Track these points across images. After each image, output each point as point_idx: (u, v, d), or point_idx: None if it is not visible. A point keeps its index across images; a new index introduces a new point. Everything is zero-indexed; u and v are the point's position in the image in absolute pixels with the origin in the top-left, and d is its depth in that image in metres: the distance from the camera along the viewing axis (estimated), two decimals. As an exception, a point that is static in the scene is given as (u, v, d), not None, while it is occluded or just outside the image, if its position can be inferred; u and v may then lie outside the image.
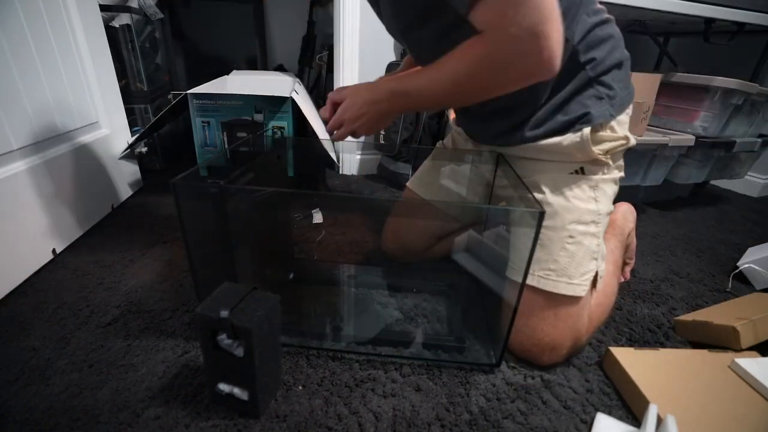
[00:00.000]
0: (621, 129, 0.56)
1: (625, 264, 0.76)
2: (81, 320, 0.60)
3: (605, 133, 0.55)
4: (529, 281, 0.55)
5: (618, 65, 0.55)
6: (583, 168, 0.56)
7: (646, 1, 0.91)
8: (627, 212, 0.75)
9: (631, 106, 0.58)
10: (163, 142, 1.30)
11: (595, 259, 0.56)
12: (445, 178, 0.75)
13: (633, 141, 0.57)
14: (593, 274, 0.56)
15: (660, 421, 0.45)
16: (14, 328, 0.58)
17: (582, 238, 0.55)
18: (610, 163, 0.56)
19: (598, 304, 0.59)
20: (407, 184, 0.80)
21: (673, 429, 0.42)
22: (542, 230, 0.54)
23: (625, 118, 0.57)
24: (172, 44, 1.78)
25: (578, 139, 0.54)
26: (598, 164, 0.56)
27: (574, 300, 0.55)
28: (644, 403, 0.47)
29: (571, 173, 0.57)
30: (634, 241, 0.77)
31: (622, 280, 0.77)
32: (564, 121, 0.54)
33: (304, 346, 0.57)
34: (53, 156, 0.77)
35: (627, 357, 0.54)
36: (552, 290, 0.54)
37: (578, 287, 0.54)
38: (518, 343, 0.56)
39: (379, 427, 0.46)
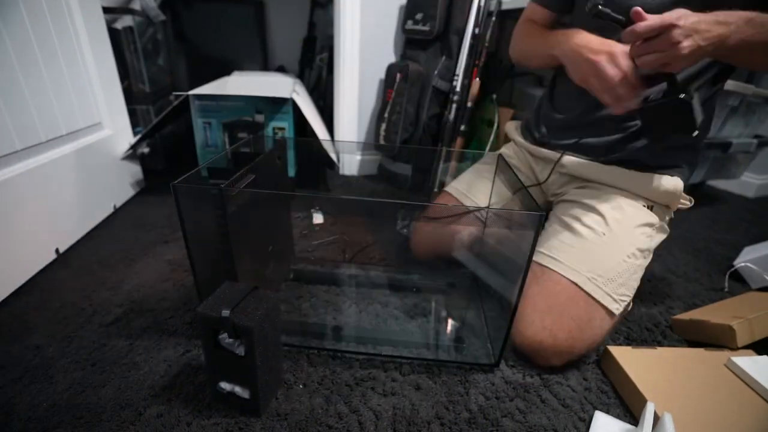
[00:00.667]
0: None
1: None
2: (84, 319, 0.61)
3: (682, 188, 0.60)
4: (574, 277, 0.55)
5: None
6: (653, 207, 0.60)
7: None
8: None
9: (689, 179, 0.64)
10: (165, 142, 1.31)
11: (634, 287, 0.57)
12: (488, 184, 0.74)
13: (692, 203, 0.63)
14: (629, 300, 0.57)
15: (657, 419, 0.45)
16: (18, 327, 0.59)
17: (635, 262, 0.57)
18: (672, 215, 0.62)
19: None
20: (446, 188, 0.80)
21: (670, 427, 0.43)
22: (605, 236, 0.57)
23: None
24: (174, 46, 1.78)
25: (677, 183, 0.58)
26: (664, 210, 0.61)
27: (608, 313, 0.54)
28: (642, 402, 0.48)
29: (644, 205, 0.60)
30: None
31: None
32: (655, 158, 0.59)
33: (305, 346, 0.58)
34: (56, 156, 0.78)
35: (625, 356, 0.54)
36: (592, 294, 0.54)
37: (614, 303, 0.55)
38: (536, 341, 0.54)
39: (379, 425, 0.47)
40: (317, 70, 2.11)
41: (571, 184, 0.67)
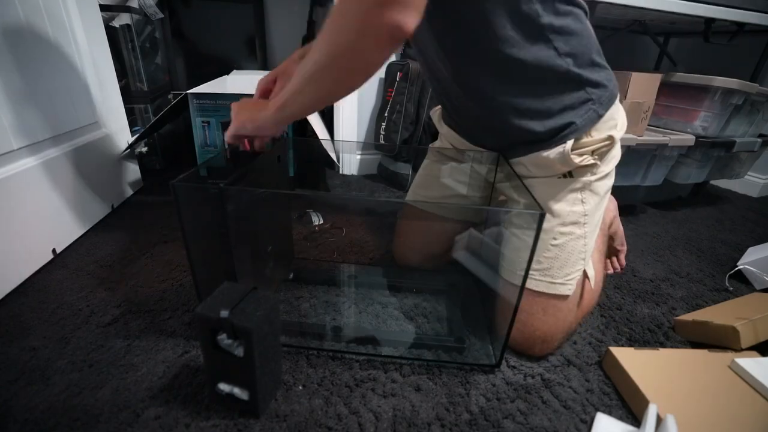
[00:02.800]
0: (605, 126, 0.53)
1: (617, 251, 0.76)
2: (81, 320, 0.60)
3: (588, 139, 0.53)
4: (514, 280, 0.56)
5: (598, 56, 0.52)
6: (571, 171, 0.55)
7: (646, 1, 0.91)
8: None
9: (617, 98, 0.55)
10: (164, 141, 1.31)
11: (582, 259, 0.57)
12: (446, 178, 0.75)
13: (618, 136, 0.54)
14: (579, 273, 0.57)
15: (660, 420, 0.45)
16: (14, 328, 0.58)
17: (565, 240, 0.56)
18: (598, 163, 0.54)
19: (587, 291, 0.60)
20: (406, 198, 0.80)
21: (673, 428, 0.42)
22: (524, 231, 0.55)
23: (611, 112, 0.53)
24: (172, 44, 1.78)
25: (561, 153, 0.52)
26: (585, 167, 0.55)
27: (560, 297, 0.56)
28: (644, 403, 0.48)
29: (561, 176, 0.56)
30: (620, 227, 0.76)
31: (618, 268, 0.76)
32: (547, 131, 0.52)
33: (304, 346, 0.57)
34: (53, 156, 0.77)
35: (627, 357, 0.54)
36: (534, 289, 0.56)
37: (561, 287, 0.56)
38: (511, 337, 0.56)
39: (379, 426, 0.46)
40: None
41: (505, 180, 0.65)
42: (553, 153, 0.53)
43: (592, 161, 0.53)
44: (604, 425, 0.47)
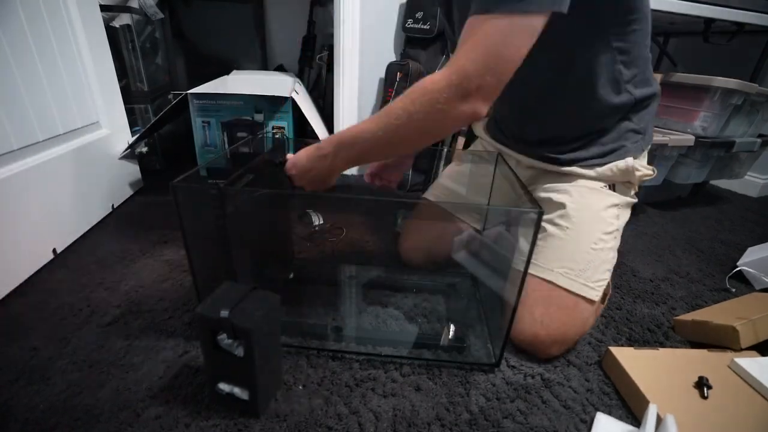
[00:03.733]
0: (644, 161, 0.64)
1: None
2: (81, 320, 0.60)
3: (639, 163, 0.61)
4: (548, 276, 0.57)
5: (651, 108, 0.61)
6: (615, 186, 0.62)
7: (646, 1, 0.91)
8: None
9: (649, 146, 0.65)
10: (164, 142, 1.31)
11: (609, 270, 0.59)
12: (465, 185, 0.76)
13: (655, 173, 0.63)
14: (606, 283, 0.59)
15: (660, 420, 0.45)
16: (15, 328, 0.58)
17: (602, 247, 0.58)
18: (636, 189, 0.64)
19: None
20: (425, 195, 0.80)
21: (673, 428, 0.42)
22: (569, 230, 0.59)
23: (646, 153, 0.65)
24: (173, 44, 1.78)
25: (624, 167, 0.60)
26: (626, 187, 0.63)
27: (588, 301, 0.57)
28: (644, 403, 0.48)
29: (604, 187, 0.62)
30: None
31: None
32: (604, 152, 0.60)
33: (305, 346, 0.57)
34: (54, 156, 0.77)
35: (627, 356, 0.54)
36: (568, 288, 0.56)
37: (592, 291, 0.57)
38: (531, 334, 0.56)
39: (379, 426, 0.46)
40: (317, 69, 2.10)
41: (540, 178, 0.68)
42: (613, 167, 0.60)
43: (644, 177, 0.62)
44: (604, 425, 0.47)
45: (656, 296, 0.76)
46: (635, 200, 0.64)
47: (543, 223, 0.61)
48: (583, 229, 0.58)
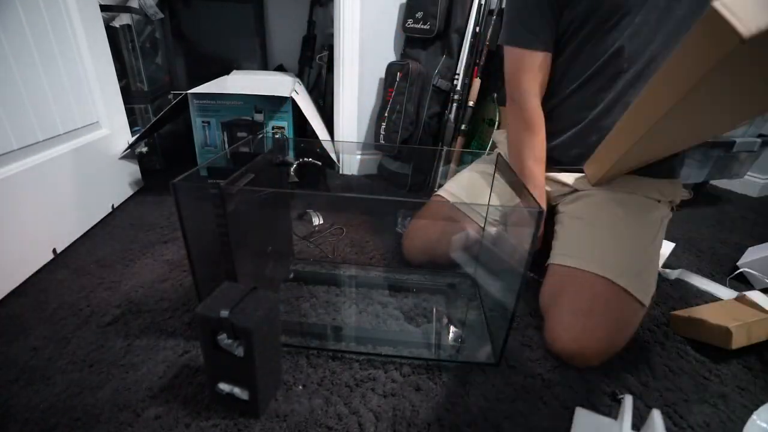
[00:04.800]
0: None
1: None
2: (81, 320, 0.60)
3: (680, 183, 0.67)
4: (607, 274, 0.54)
5: None
6: (660, 200, 0.65)
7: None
8: None
9: None
10: (164, 141, 1.31)
11: (656, 277, 0.59)
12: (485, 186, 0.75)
13: (691, 197, 0.70)
14: (653, 290, 0.57)
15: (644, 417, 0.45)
16: (15, 328, 0.58)
17: (654, 251, 0.59)
18: (675, 207, 0.68)
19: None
20: (439, 192, 0.80)
21: (660, 424, 0.42)
22: (630, 230, 0.59)
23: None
24: (173, 44, 1.78)
25: (678, 182, 0.66)
26: (668, 204, 0.66)
27: (641, 305, 0.55)
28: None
29: (654, 199, 0.64)
30: None
31: None
32: (665, 170, 0.65)
33: (304, 346, 0.57)
34: (54, 156, 0.77)
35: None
36: (627, 288, 0.54)
37: (645, 296, 0.56)
38: (578, 346, 0.53)
39: (379, 426, 0.46)
40: (317, 69, 2.10)
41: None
42: (670, 184, 0.66)
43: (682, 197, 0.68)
44: (584, 418, 0.48)
45: (656, 296, 0.76)
46: (670, 216, 0.67)
47: (592, 220, 0.62)
48: (639, 232, 0.59)
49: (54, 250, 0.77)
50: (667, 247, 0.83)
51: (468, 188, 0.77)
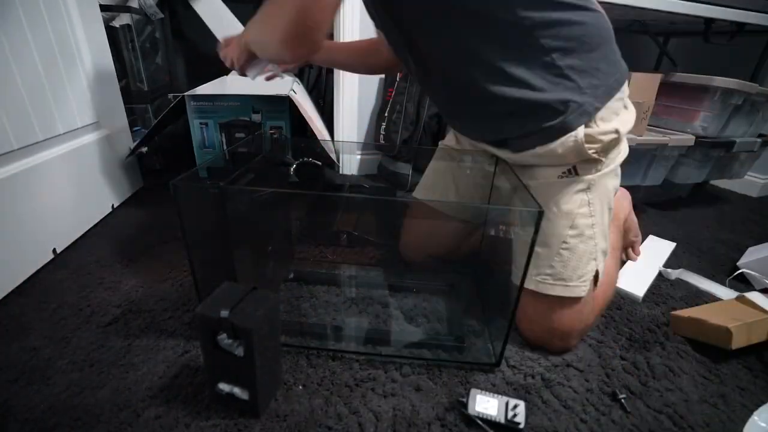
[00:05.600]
0: (610, 117, 0.52)
1: (632, 242, 0.78)
2: (81, 320, 0.60)
3: (594, 129, 0.51)
4: (528, 285, 0.56)
5: (595, 47, 0.49)
6: (576, 168, 0.54)
7: (646, 1, 0.91)
8: (620, 197, 0.72)
9: (625, 85, 0.53)
10: (164, 142, 1.31)
11: (594, 259, 0.57)
12: (450, 179, 0.75)
13: (624, 129, 0.53)
14: (592, 274, 0.57)
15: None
16: (15, 328, 0.58)
17: (576, 243, 0.55)
18: (603, 159, 0.53)
19: (600, 283, 0.60)
20: (414, 194, 0.80)
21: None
22: (542, 234, 0.53)
23: (615, 103, 0.52)
24: (173, 44, 1.77)
25: (572, 143, 0.51)
26: (590, 163, 0.53)
27: (575, 299, 0.56)
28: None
29: (562, 175, 0.55)
30: (634, 221, 0.76)
31: (633, 258, 0.78)
32: (548, 127, 0.51)
33: (304, 346, 0.57)
34: (54, 156, 0.77)
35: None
36: (549, 293, 0.56)
37: (576, 289, 0.56)
38: (530, 330, 0.60)
39: (379, 426, 0.46)
40: (317, 69, 2.10)
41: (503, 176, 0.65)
42: (562, 145, 0.51)
43: (597, 157, 0.52)
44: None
45: (656, 296, 0.76)
46: (613, 166, 0.55)
47: (512, 232, 0.60)
48: (550, 232, 0.55)
49: (54, 250, 0.77)
50: (667, 247, 0.83)
51: (431, 187, 0.77)
